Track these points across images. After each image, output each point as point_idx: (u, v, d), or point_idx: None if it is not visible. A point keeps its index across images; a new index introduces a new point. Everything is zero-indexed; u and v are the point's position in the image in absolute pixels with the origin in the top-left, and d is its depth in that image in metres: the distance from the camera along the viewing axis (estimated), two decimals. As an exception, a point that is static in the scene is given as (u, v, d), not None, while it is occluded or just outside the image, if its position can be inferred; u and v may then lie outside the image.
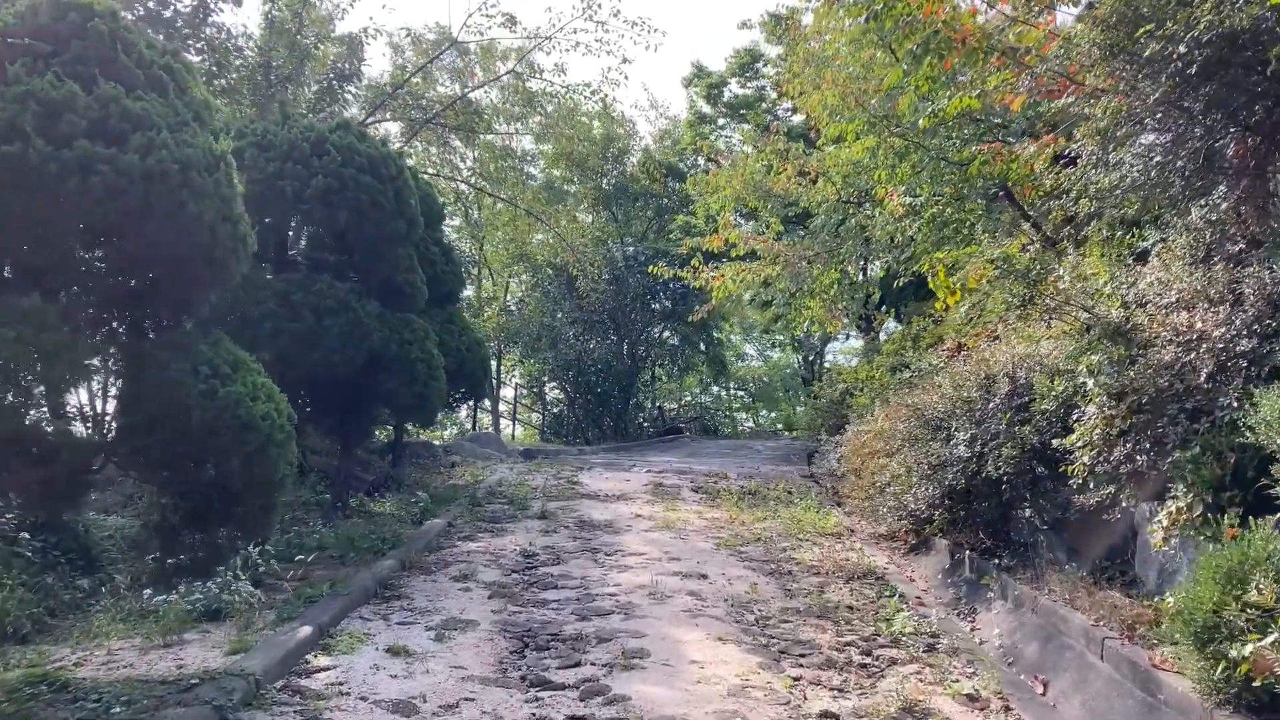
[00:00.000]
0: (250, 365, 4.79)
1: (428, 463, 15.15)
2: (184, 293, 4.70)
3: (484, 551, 9.05)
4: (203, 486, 4.80)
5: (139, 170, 4.31)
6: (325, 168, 7.00)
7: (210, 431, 4.57)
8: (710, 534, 10.34)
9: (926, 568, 9.02)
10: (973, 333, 12.09)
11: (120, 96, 4.42)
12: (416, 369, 7.68)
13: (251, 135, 7.12)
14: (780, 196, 16.90)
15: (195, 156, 4.47)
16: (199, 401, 4.50)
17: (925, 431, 8.24)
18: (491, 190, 20.41)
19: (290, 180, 6.89)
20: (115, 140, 4.36)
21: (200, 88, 4.76)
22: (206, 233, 4.51)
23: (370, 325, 7.10)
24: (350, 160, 7.12)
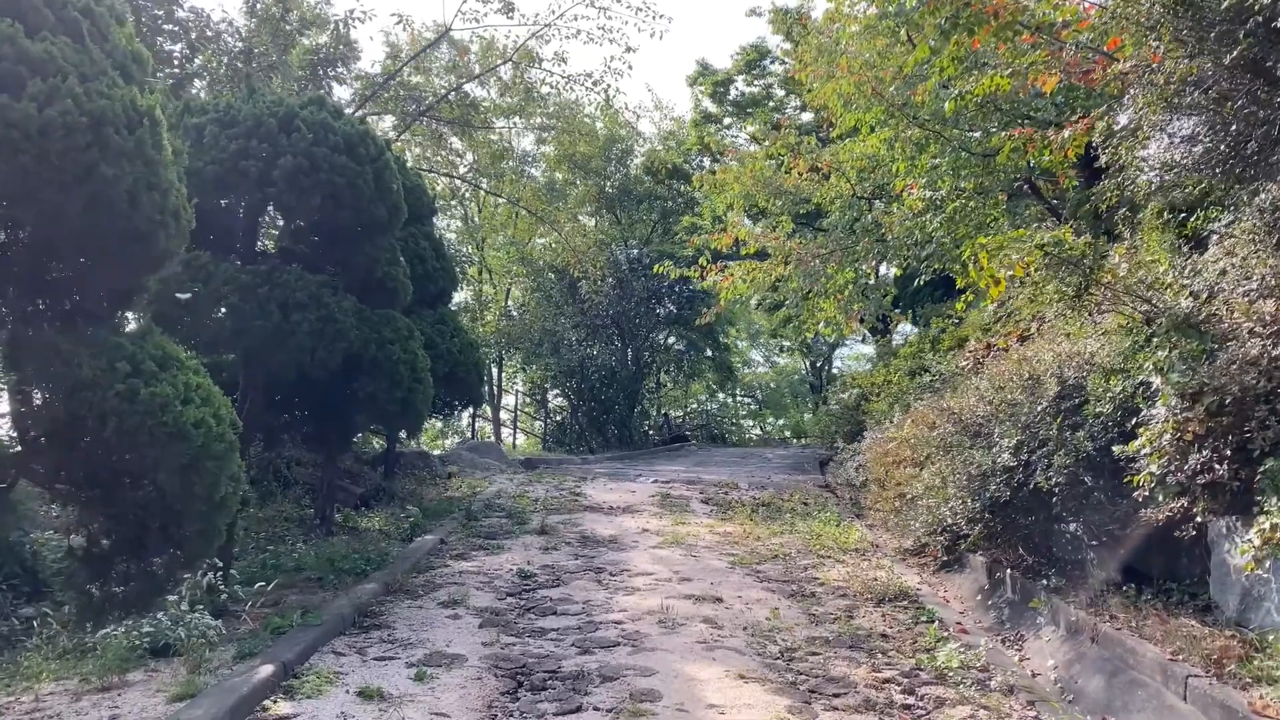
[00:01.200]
0: (185, 362, 4.07)
1: (423, 473, 14.39)
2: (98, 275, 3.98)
3: (477, 572, 8.28)
4: (134, 507, 4.08)
5: (36, 124, 3.58)
6: (295, 146, 6.26)
7: (130, 442, 3.85)
8: (723, 550, 9.56)
9: (961, 587, 8.24)
10: (1002, 331, 11.32)
11: (17, 36, 3.68)
12: (399, 371, 6.93)
13: (213, 111, 6.37)
14: (791, 193, 16.18)
15: (111, 110, 3.73)
16: (116, 406, 3.78)
17: (963, 438, 7.47)
18: (490, 188, 19.63)
19: (255, 160, 6.14)
20: (8, 87, 3.62)
21: (131, 39, 4.02)
22: (124, 202, 3.78)
23: (346, 322, 6.36)
24: (323, 138, 6.39)
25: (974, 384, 7.90)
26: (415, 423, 7.49)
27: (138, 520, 4.21)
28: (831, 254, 14.80)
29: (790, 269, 14.94)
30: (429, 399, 7.56)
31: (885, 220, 14.63)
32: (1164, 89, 6.02)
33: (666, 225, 29.73)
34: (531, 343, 24.46)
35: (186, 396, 3.93)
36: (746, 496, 13.92)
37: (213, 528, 4.32)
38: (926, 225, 13.62)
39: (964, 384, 8.91)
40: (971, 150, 13.36)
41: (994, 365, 8.05)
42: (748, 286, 15.38)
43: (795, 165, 15.71)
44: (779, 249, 14.85)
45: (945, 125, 13.29)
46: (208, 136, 6.18)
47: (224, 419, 4.15)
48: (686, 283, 28.12)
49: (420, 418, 7.41)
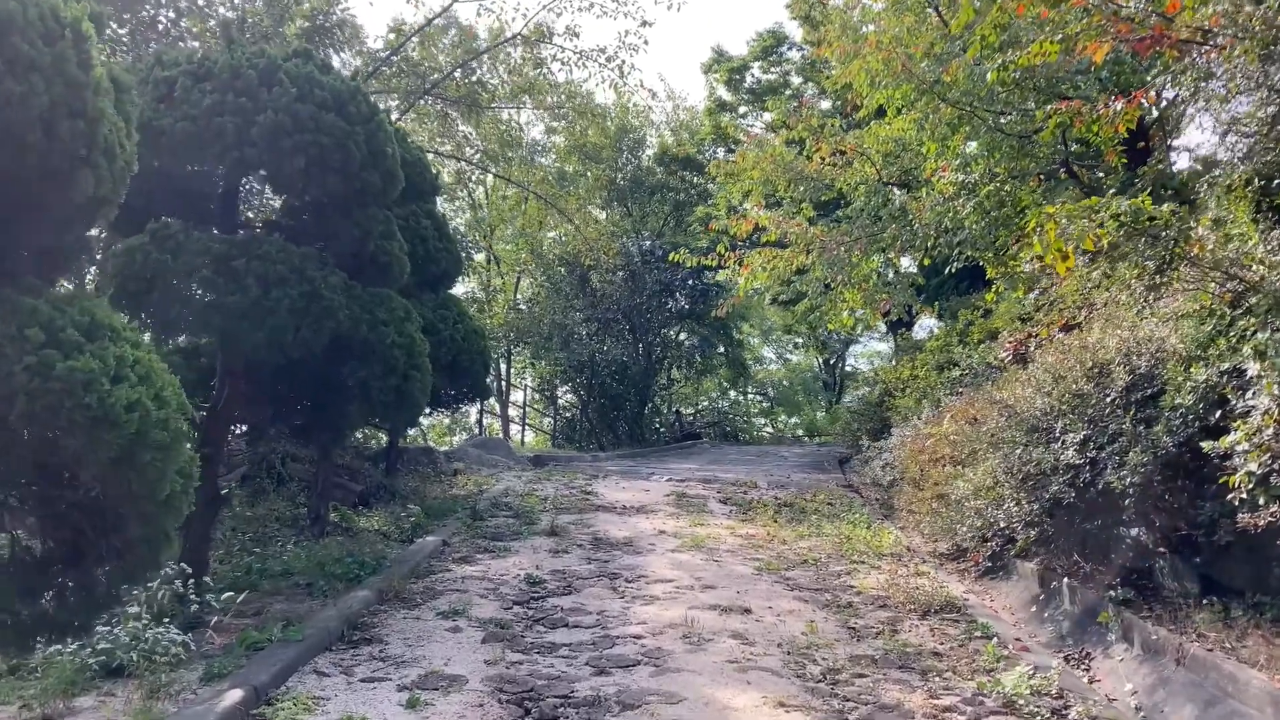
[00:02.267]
0: (121, 332, 3.40)
1: (427, 470, 13.72)
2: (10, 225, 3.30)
3: (481, 577, 7.59)
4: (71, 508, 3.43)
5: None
6: (276, 102, 5.55)
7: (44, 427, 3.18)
8: (748, 555, 8.85)
9: (1010, 597, 7.52)
10: (1044, 321, 10.59)
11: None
12: (393, 356, 6.23)
13: (185, 63, 5.67)
14: (813, 179, 15.43)
15: (19, 14, 3.05)
16: (25, 382, 3.11)
17: (1018, 433, 6.74)
18: (498, 171, 18.89)
19: (231, 116, 5.43)
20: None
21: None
22: (36, 128, 3.12)
23: (333, 300, 5.67)
24: (309, 94, 5.68)
25: (1027, 374, 7.16)
26: (412, 414, 6.79)
27: (74, 524, 3.56)
28: (856, 241, 14.06)
29: (813, 257, 14.20)
30: (427, 388, 6.86)
31: (913, 206, 13.89)
32: (1264, 35, 5.28)
33: (679, 218, 29.00)
34: (541, 336, 23.75)
35: (118, 373, 3.24)
36: (767, 496, 13.20)
37: (158, 533, 3.65)
38: (958, 211, 12.88)
39: (1011, 376, 8.19)
40: (1007, 131, 12.63)
41: (1047, 355, 7.30)
42: (767, 276, 14.64)
43: (818, 149, 14.98)
44: (801, 236, 14.11)
45: (979, 104, 12.56)
46: (179, 90, 5.48)
47: (168, 401, 3.47)
48: (700, 276, 27.44)
49: (417, 408, 6.70)
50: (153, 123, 5.43)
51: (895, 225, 14.11)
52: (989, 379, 12.00)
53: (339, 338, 5.94)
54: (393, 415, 6.68)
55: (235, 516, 9.01)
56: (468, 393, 12.22)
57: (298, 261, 5.64)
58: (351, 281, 6.16)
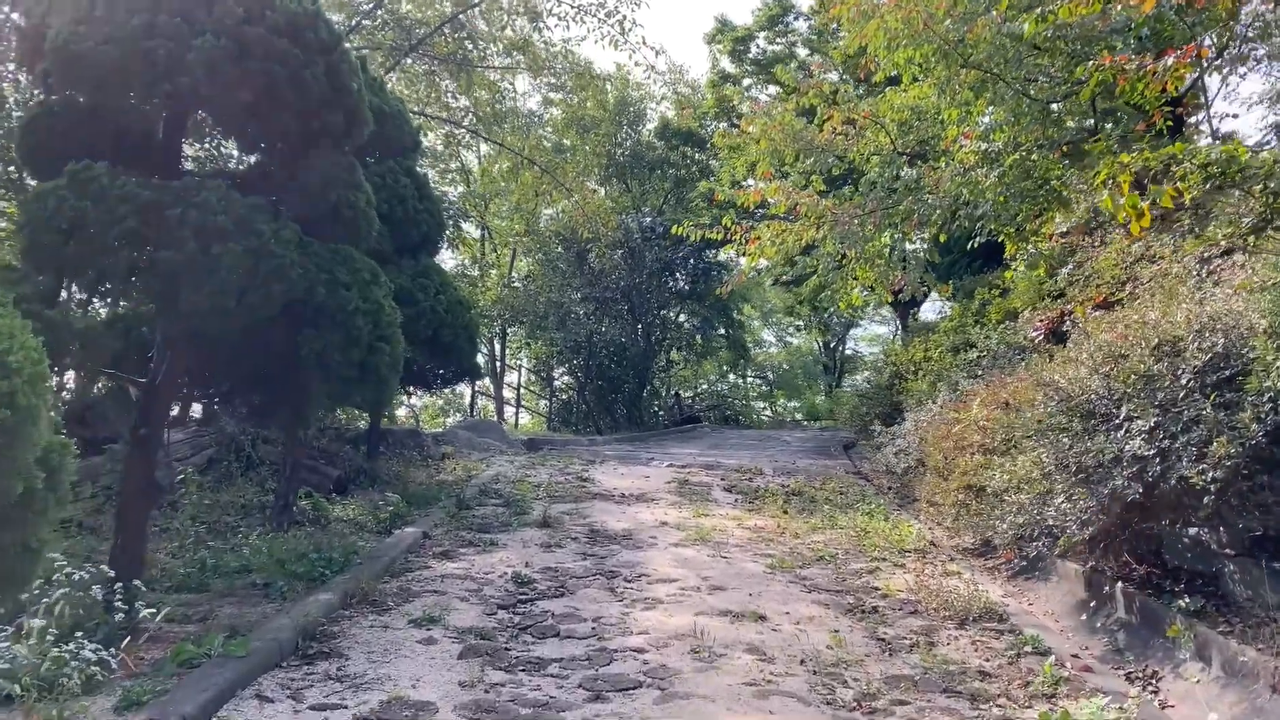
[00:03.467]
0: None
1: (413, 454, 12.92)
2: None
3: (464, 576, 6.80)
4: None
5: None
6: (219, 24, 4.69)
7: None
8: (758, 550, 8.07)
9: (1052, 601, 6.74)
10: (1079, 298, 9.79)
11: None
12: (356, 324, 5.38)
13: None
14: (824, 150, 14.57)
15: None
16: None
17: (1072, 420, 5.93)
18: (490, 135, 17.94)
19: (164, 40, 4.58)
20: None
21: None
22: None
23: (285, 257, 4.82)
24: (258, 16, 4.79)
25: (1075, 354, 6.35)
26: (379, 392, 5.95)
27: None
28: (870, 214, 13.22)
29: (825, 231, 13.37)
30: (398, 363, 6.03)
31: (930, 178, 13.05)
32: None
33: (680, 195, 28.13)
34: (536, 315, 22.88)
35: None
36: (774, 484, 12.42)
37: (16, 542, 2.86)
38: (979, 182, 12.05)
39: (1060, 356, 7.38)
40: (1034, 97, 11.78)
41: (1100, 331, 6.49)
42: (775, 251, 13.81)
43: (829, 117, 14.11)
44: (812, 208, 13.27)
45: (1006, 67, 11.71)
46: (100, 9, 4.62)
47: (17, 369, 2.70)
48: (700, 255, 26.58)
49: (386, 386, 5.87)
50: (69, 46, 4.58)
51: (911, 198, 13.28)
52: (1011, 361, 11.22)
53: (292, 302, 5.10)
54: (357, 393, 5.84)
55: (195, 504, 8.21)
56: (455, 372, 11.39)
57: (243, 212, 4.80)
58: (308, 237, 5.33)
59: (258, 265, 4.74)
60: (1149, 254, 8.80)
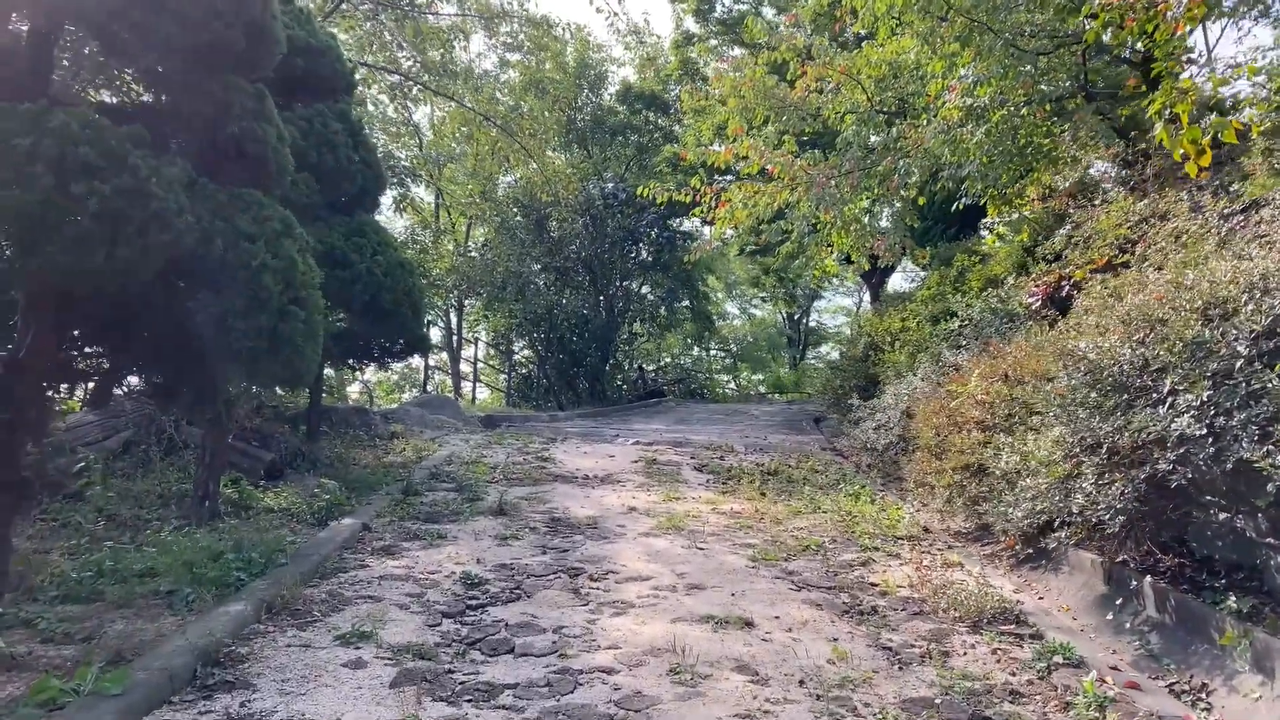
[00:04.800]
0: None
1: (359, 433, 11.98)
2: None
3: (405, 576, 5.93)
4: None
5: None
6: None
7: None
8: (737, 538, 7.30)
9: (1066, 595, 6.04)
10: (1079, 261, 9.09)
11: None
12: (263, 284, 4.45)
13: None
14: (797, 108, 13.73)
15: None
16: None
17: (1102, 394, 5.20)
18: (439, 87, 16.79)
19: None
20: None
21: None
22: None
23: (169, 201, 3.88)
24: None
25: (1107, 319, 5.61)
26: (294, 365, 5.01)
27: None
28: (848, 175, 12.43)
29: (799, 193, 12.57)
30: (317, 332, 5.09)
31: (911, 136, 12.28)
32: None
33: (643, 162, 27.13)
34: (494, 286, 21.85)
35: None
36: (747, 462, 11.68)
37: None
38: (965, 140, 11.30)
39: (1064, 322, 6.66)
40: (1023, 48, 11.02)
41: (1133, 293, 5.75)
42: (747, 214, 13.00)
43: (804, 73, 13.27)
44: (786, 168, 12.45)
45: (994, 14, 10.94)
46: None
47: None
48: (665, 224, 25.66)
49: (302, 357, 4.95)
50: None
51: (890, 158, 12.51)
52: (1000, 330, 10.55)
53: (180, 257, 4.18)
54: (267, 367, 4.92)
55: (103, 495, 7.24)
56: (404, 345, 10.44)
57: (114, 144, 3.85)
58: (202, 179, 4.39)
59: (130, 210, 3.80)
60: (1157, 213, 8.10)
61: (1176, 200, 7.62)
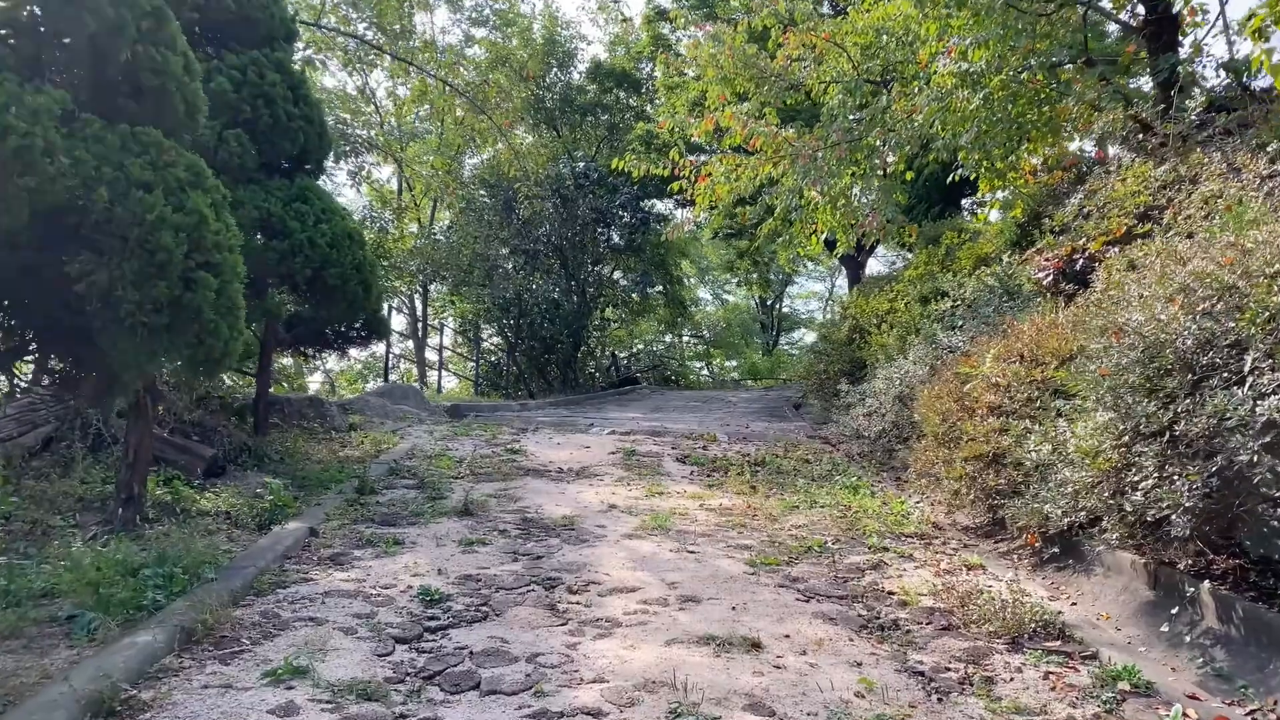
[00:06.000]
0: None
1: (315, 425, 11.12)
2: None
3: (354, 592, 5.13)
4: None
5: None
6: None
7: None
8: (730, 539, 6.56)
9: (1105, 600, 5.36)
10: (1092, 233, 8.42)
11: None
12: (161, 243, 3.61)
13: None
14: (779, 78, 12.99)
15: None
16: None
17: (1161, 374, 4.50)
18: (394, 50, 15.83)
19: None
20: None
21: None
22: None
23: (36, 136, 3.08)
24: None
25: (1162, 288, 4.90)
26: (206, 347, 4.17)
27: None
28: (834, 147, 11.69)
29: (784, 166, 11.83)
30: (237, 304, 4.25)
31: (901, 105, 11.58)
32: None
33: (615, 142, 26.29)
34: (460, 269, 20.93)
35: None
36: (731, 452, 10.96)
37: None
38: (961, 107, 10.60)
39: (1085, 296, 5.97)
40: (1023, 9, 10.34)
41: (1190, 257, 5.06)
42: (728, 189, 12.26)
43: (785, 41, 12.53)
44: (770, 140, 11.70)
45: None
46: None
47: None
48: (638, 205, 24.85)
49: (216, 337, 4.11)
50: None
51: (880, 128, 11.80)
52: (1000, 309, 9.90)
53: (58, 210, 3.34)
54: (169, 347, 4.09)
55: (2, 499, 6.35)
56: (361, 329, 9.59)
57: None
58: (85, 114, 3.56)
59: (-21, 146, 2.99)
60: (1182, 177, 7.45)
61: (1207, 161, 6.97)
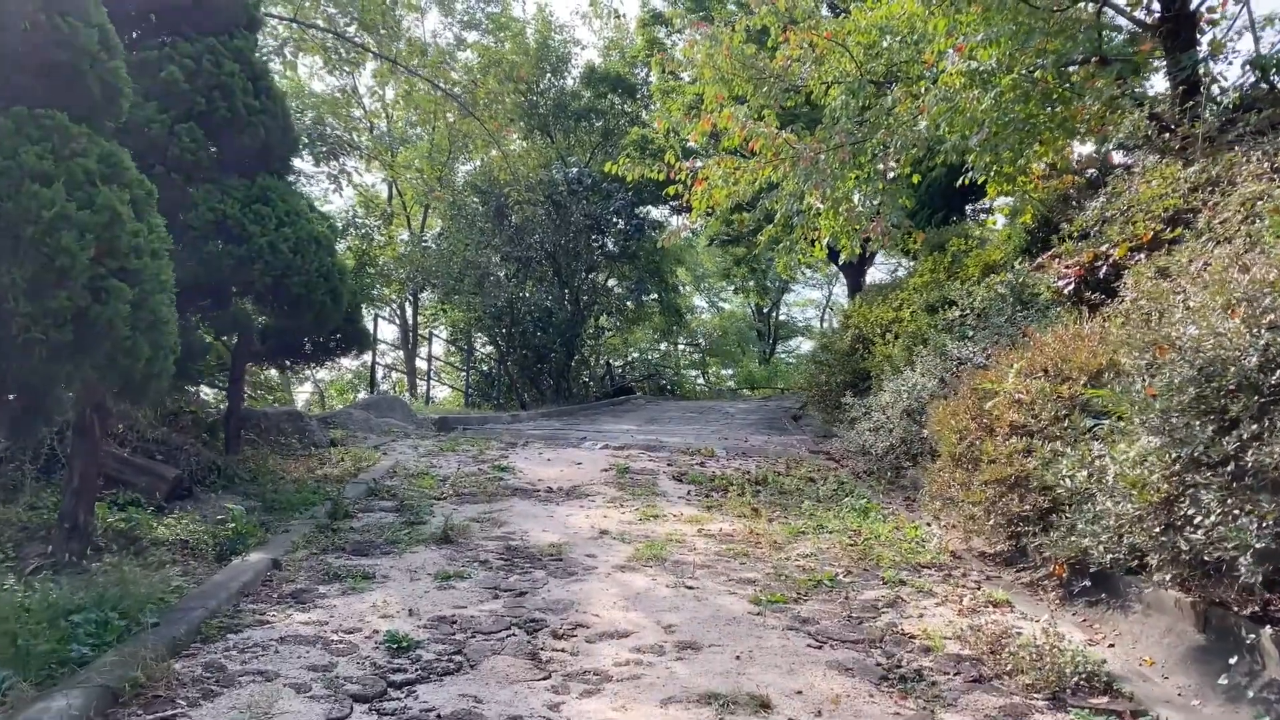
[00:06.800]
0: None
1: (293, 441, 10.56)
2: None
3: (314, 638, 4.58)
4: None
5: None
6: None
7: None
8: (732, 571, 6.03)
9: (1147, 643, 4.82)
10: (1116, 239, 7.92)
11: None
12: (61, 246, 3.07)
13: None
14: (779, 79, 12.49)
15: None
16: None
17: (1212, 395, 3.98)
18: (379, 49, 15.29)
19: None
20: None
21: None
22: None
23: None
24: None
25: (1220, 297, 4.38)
26: (121, 368, 3.65)
27: None
28: (837, 149, 11.20)
29: (785, 170, 11.33)
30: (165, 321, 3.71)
31: (905, 106, 11.10)
32: None
33: (609, 148, 25.83)
34: (450, 277, 20.38)
35: None
36: (730, 469, 10.43)
37: None
38: (971, 108, 10.11)
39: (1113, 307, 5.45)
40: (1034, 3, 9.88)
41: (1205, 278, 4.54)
42: (726, 194, 11.75)
43: (785, 39, 12.05)
44: (770, 141, 11.21)
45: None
46: None
47: None
48: (633, 211, 24.36)
49: (135, 357, 3.52)
50: None
51: (885, 130, 11.31)
52: (1014, 320, 9.40)
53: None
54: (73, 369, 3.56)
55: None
56: (339, 340, 9.05)
57: None
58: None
59: None
60: (1216, 179, 6.95)
61: (1243, 161, 6.48)
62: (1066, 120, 10.04)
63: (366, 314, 14.57)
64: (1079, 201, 10.39)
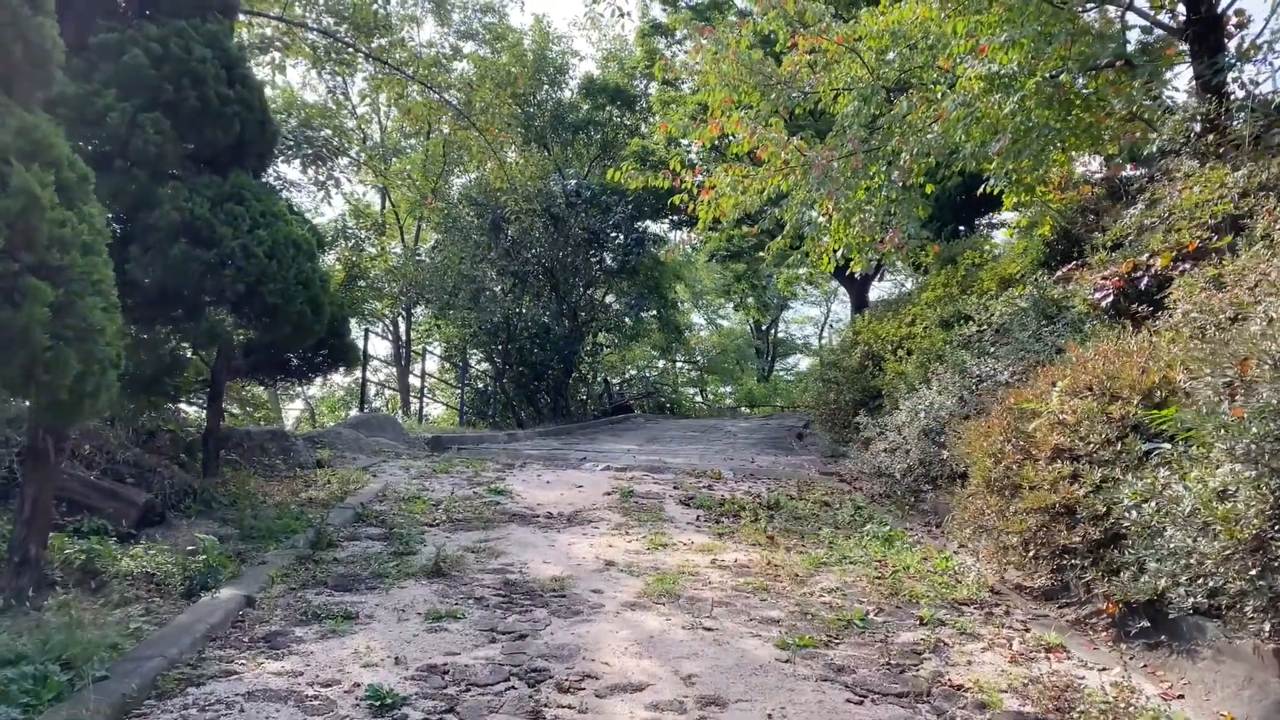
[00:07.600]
0: None
1: (278, 462, 10.01)
2: None
3: (285, 692, 4.02)
4: None
5: None
6: None
7: None
8: (753, 609, 5.47)
9: (1222, 697, 4.29)
10: (1157, 247, 7.41)
11: None
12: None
13: None
14: (787, 85, 12.02)
15: None
16: None
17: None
18: (367, 48, 14.73)
19: None
20: None
21: None
22: None
23: None
24: None
25: None
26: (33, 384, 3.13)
27: None
28: (850, 157, 10.72)
29: (796, 176, 10.85)
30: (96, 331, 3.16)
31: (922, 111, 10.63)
32: None
33: (607, 161, 25.39)
34: (444, 291, 19.84)
35: None
36: (740, 492, 9.88)
37: None
38: (993, 113, 9.64)
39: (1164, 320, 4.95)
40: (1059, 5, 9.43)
41: None
42: (733, 203, 11.26)
43: (793, 44, 11.60)
44: (779, 148, 10.73)
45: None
46: None
47: None
48: (632, 224, 23.87)
49: (58, 372, 3.00)
50: None
51: (899, 136, 10.83)
52: (1039, 335, 8.89)
53: None
54: None
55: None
56: (326, 356, 8.50)
57: None
58: None
59: None
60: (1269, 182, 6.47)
61: None
62: (1091, 126, 9.57)
63: (357, 329, 14.03)
64: (1098, 213, 9.92)
